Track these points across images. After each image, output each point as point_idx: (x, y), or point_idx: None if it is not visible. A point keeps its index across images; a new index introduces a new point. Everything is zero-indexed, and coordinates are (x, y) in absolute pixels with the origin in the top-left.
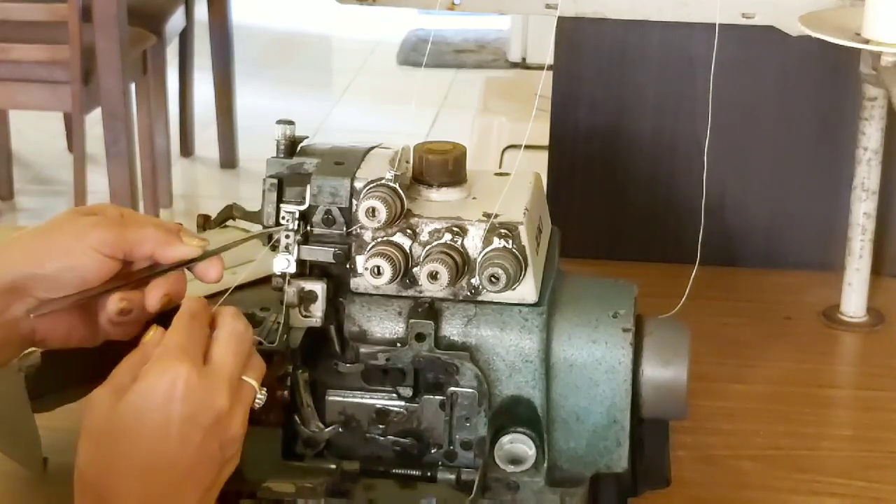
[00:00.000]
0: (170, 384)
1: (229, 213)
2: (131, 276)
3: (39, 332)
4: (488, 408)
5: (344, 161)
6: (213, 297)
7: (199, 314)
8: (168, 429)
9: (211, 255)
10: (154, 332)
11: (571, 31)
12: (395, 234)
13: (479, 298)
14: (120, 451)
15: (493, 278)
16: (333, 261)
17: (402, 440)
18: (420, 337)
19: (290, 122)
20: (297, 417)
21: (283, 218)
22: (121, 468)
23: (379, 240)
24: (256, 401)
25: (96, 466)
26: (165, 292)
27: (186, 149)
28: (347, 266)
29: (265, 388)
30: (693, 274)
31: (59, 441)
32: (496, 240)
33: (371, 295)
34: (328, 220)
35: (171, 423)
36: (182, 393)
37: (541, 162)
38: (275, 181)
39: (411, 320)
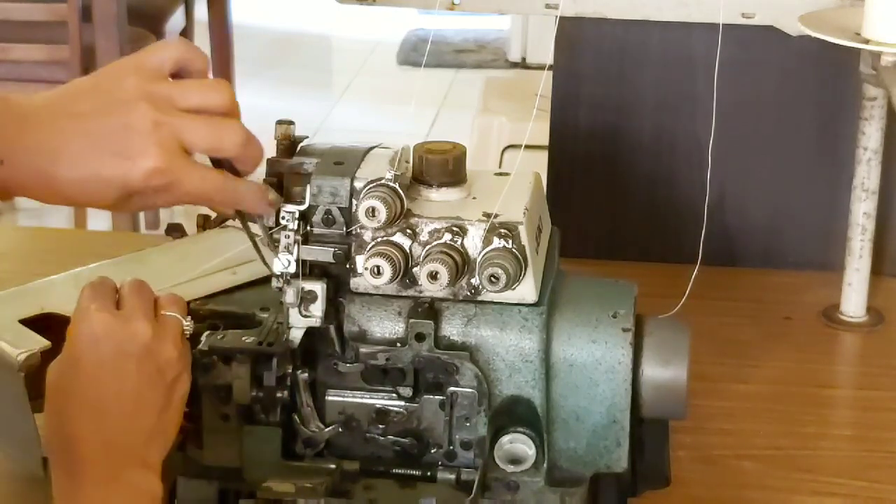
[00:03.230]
0: (90, 330)
1: (229, 213)
2: None
3: None
4: (488, 408)
5: (344, 161)
6: (212, 297)
7: (104, 282)
8: (101, 369)
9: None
10: None
11: (571, 31)
12: (394, 233)
13: (479, 298)
14: (69, 407)
15: (492, 278)
16: (333, 261)
17: (401, 440)
18: (420, 337)
19: (290, 122)
20: (296, 417)
21: (283, 218)
22: (73, 420)
23: (379, 240)
24: (185, 328)
25: (54, 428)
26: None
27: None
28: (347, 266)
29: (190, 317)
30: (694, 274)
31: None
32: (496, 240)
33: (371, 295)
34: (328, 220)
35: (103, 363)
36: (102, 332)
37: (541, 162)
38: (274, 181)
39: (411, 320)
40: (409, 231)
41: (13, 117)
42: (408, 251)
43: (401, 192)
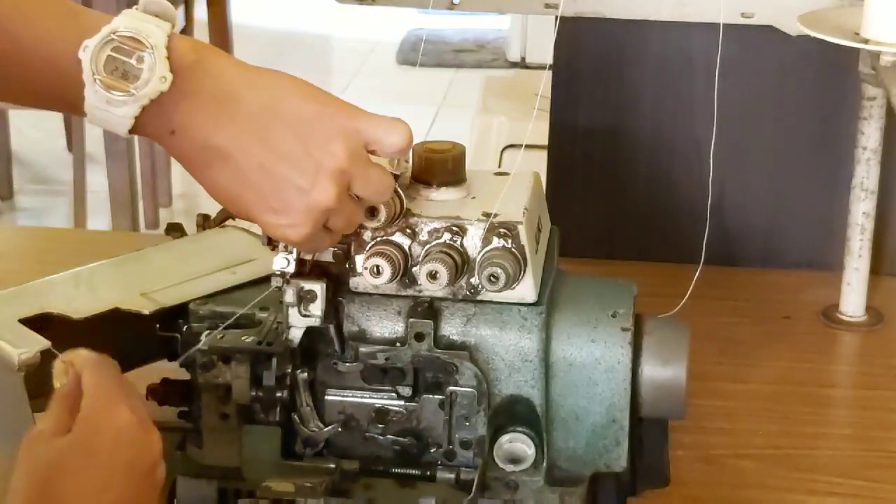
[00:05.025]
0: (115, 429)
1: (229, 212)
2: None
3: None
4: (487, 407)
5: None
6: (213, 297)
7: (105, 362)
8: (112, 473)
9: None
10: (65, 375)
11: (571, 31)
12: (394, 233)
13: (479, 298)
14: (62, 491)
15: (492, 278)
16: (333, 260)
17: (401, 440)
18: (419, 336)
19: None
20: (296, 417)
21: None
22: None
23: (378, 239)
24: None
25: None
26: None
27: None
28: (347, 265)
29: None
30: (697, 274)
31: None
32: (495, 239)
33: (370, 294)
34: None
35: (116, 468)
36: (127, 439)
37: (540, 161)
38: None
39: (411, 320)
40: (408, 230)
41: (215, 95)
42: (407, 251)
43: (400, 191)
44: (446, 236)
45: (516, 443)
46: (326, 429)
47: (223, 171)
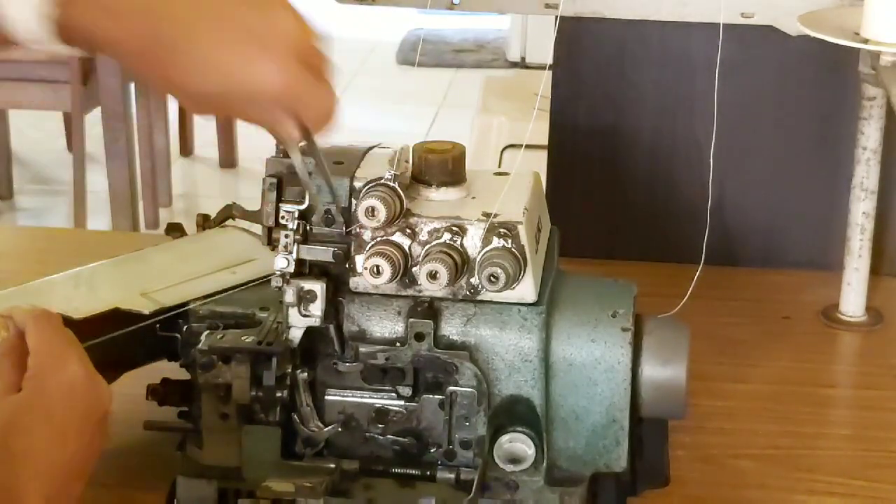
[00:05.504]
0: (68, 385)
1: (229, 212)
2: None
3: None
4: (487, 407)
5: (343, 160)
6: (213, 297)
7: (46, 314)
8: (67, 428)
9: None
10: (4, 330)
11: (571, 31)
12: (394, 233)
13: (479, 298)
14: (20, 449)
15: (492, 278)
16: (333, 260)
17: (401, 439)
18: (419, 336)
19: None
20: (296, 417)
21: (283, 217)
22: (19, 466)
23: (378, 239)
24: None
25: None
26: None
27: (186, 148)
28: (347, 265)
29: None
30: (697, 274)
31: None
32: (495, 239)
33: (370, 294)
34: (328, 220)
35: (70, 423)
36: (80, 394)
37: (540, 161)
38: (274, 181)
39: (411, 320)
40: (408, 230)
41: None
42: (407, 251)
43: (400, 191)
44: (446, 236)
45: (516, 443)
46: (326, 429)
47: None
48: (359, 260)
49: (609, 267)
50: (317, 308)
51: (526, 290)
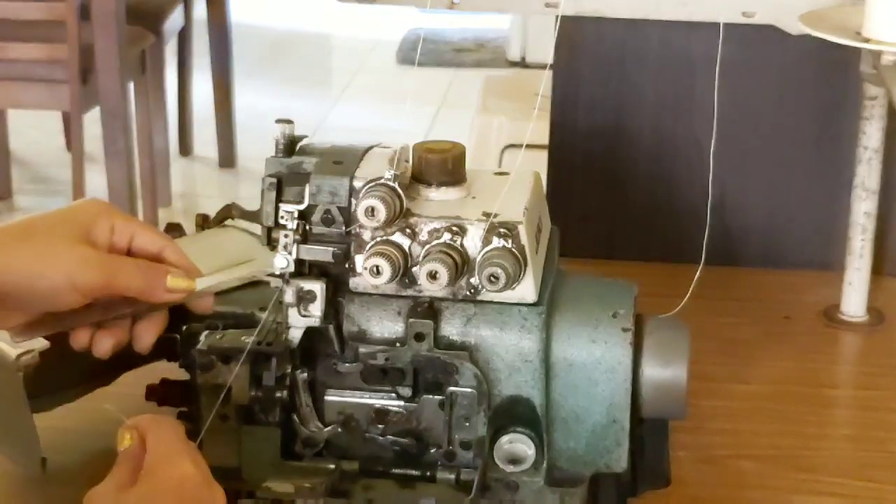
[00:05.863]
0: (178, 482)
1: (228, 212)
2: (109, 310)
3: None
4: (488, 408)
5: (343, 160)
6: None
7: (167, 420)
8: None
9: (203, 292)
10: (130, 439)
11: (571, 31)
12: (394, 233)
13: (479, 298)
14: None
15: (492, 278)
16: (332, 260)
17: (401, 440)
18: (419, 336)
19: (289, 122)
20: (296, 417)
21: (282, 217)
22: None
23: (378, 239)
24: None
25: None
26: (155, 333)
27: (185, 148)
28: (346, 265)
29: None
30: (698, 274)
31: (57, 441)
32: (496, 239)
33: (370, 294)
34: (327, 220)
35: None
36: (191, 492)
37: (540, 161)
38: (274, 180)
39: (410, 320)
40: (408, 230)
41: None
42: (407, 251)
43: (400, 191)
44: (446, 236)
45: (516, 443)
46: (326, 429)
47: None
48: (359, 260)
49: (609, 267)
50: (316, 308)
51: (526, 290)
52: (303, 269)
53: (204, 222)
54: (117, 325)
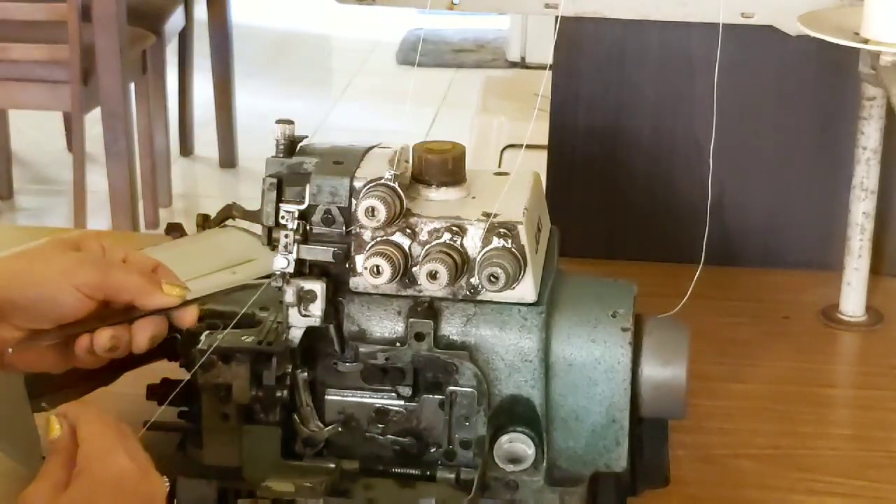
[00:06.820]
0: (115, 479)
1: (229, 212)
2: (110, 315)
3: (8, 357)
4: (487, 407)
5: (343, 160)
6: (213, 297)
7: (98, 411)
8: None
9: (191, 302)
10: (58, 427)
11: (571, 31)
12: (394, 233)
13: (479, 298)
14: None
15: (492, 278)
16: (333, 260)
17: (401, 439)
18: (419, 336)
19: (290, 122)
20: (296, 417)
21: (282, 217)
22: None
23: (378, 239)
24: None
25: None
26: (152, 334)
27: (186, 148)
28: (347, 265)
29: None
30: (697, 274)
31: None
32: (495, 239)
33: (370, 294)
34: (327, 220)
35: None
36: (128, 488)
37: (540, 161)
38: (274, 181)
39: (411, 320)
40: (408, 230)
41: None
42: (407, 251)
43: (400, 191)
44: (446, 236)
45: (516, 443)
46: (326, 429)
47: None
48: (359, 260)
49: (609, 267)
50: (317, 308)
51: (526, 290)
52: (303, 268)
53: (205, 222)
54: (150, 319)
